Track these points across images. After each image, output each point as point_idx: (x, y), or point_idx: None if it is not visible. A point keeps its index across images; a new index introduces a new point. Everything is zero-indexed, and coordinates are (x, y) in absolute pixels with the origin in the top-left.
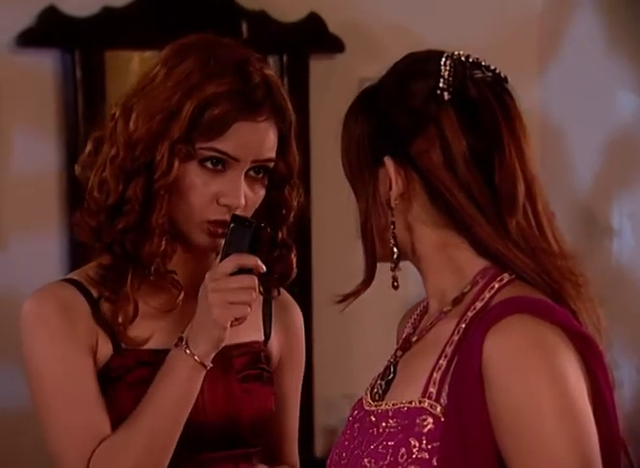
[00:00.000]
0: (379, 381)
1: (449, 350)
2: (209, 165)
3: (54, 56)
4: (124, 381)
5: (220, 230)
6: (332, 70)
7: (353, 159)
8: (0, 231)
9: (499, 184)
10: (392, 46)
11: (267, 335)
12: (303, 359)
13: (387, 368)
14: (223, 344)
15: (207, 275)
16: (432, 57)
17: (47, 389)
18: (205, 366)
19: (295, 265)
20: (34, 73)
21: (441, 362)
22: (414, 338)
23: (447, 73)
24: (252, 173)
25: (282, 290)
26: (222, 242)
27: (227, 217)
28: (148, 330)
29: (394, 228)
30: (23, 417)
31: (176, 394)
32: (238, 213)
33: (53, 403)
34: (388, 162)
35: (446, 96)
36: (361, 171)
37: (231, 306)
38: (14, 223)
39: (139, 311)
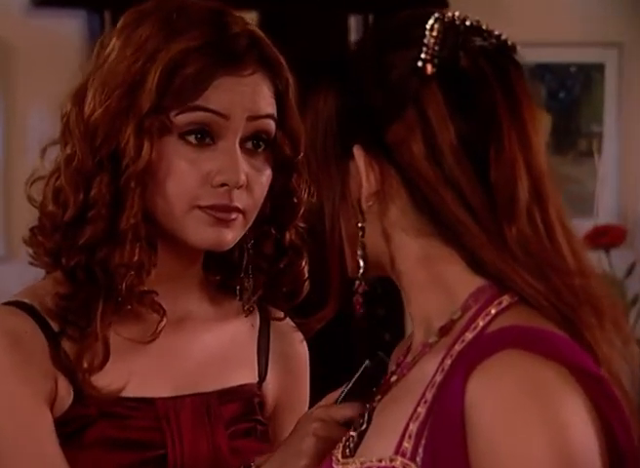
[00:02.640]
0: (351, 433)
1: (429, 394)
2: (192, 139)
3: (79, 17)
4: (79, 440)
5: (223, 215)
6: None
7: (319, 147)
8: (10, 236)
9: (495, 182)
10: None
11: (262, 376)
12: (307, 399)
13: (361, 416)
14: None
15: (317, 411)
16: (419, 19)
17: None
18: None
19: (306, 276)
20: (55, 39)
21: (419, 409)
22: (393, 378)
23: (432, 40)
24: (249, 144)
25: (279, 312)
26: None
27: (226, 201)
28: (120, 375)
29: (363, 235)
30: None
31: None
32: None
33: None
34: (358, 152)
35: (429, 69)
36: (327, 163)
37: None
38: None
39: (110, 353)
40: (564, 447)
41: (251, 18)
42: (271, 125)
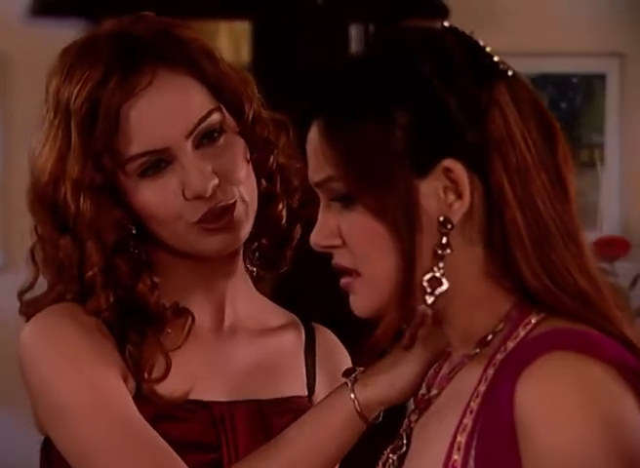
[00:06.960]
0: (390, 456)
1: (474, 405)
2: (150, 172)
3: (77, 27)
4: None
5: (215, 225)
6: None
7: (378, 174)
8: (8, 246)
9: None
10: (510, 8)
11: (312, 389)
12: None
13: (400, 437)
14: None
15: None
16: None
17: (78, 425)
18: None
19: (283, 219)
20: (53, 49)
21: (465, 420)
22: (433, 392)
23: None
24: (205, 141)
25: (324, 328)
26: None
27: (211, 206)
28: (180, 381)
29: (442, 249)
30: None
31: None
32: None
33: (91, 443)
34: (455, 166)
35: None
36: (390, 182)
37: None
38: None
39: (171, 364)
40: (622, 443)
41: (243, 27)
42: (215, 118)
